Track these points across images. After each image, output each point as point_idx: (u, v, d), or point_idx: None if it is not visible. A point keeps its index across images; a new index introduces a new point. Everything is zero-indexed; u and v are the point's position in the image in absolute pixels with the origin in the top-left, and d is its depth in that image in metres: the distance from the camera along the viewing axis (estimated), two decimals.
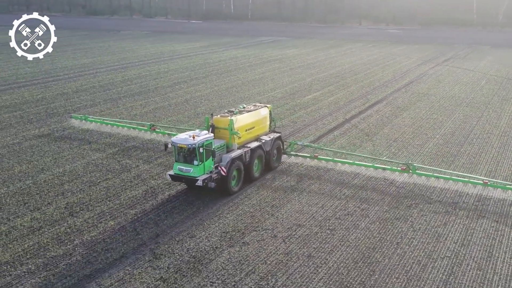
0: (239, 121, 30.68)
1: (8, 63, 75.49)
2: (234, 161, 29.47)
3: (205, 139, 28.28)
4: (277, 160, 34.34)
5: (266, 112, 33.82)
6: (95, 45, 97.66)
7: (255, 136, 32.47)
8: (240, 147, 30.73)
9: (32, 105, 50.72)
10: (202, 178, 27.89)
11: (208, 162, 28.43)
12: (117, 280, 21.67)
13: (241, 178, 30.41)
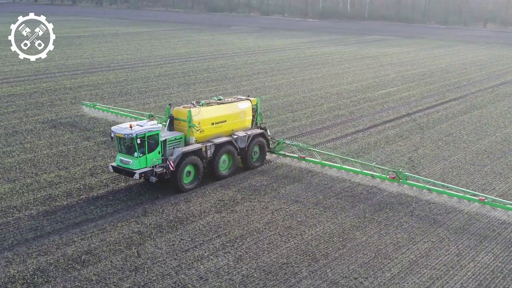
0: (202, 114, 28.55)
1: (109, 48, 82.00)
2: (186, 156, 27.31)
3: (148, 130, 26.22)
4: (258, 159, 31.93)
5: (246, 106, 31.28)
6: (200, 37, 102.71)
7: (228, 131, 30.14)
8: (204, 141, 28.86)
9: (112, 85, 55.09)
10: (139, 171, 25.99)
11: (153, 154, 26.62)
12: (99, 229, 24.02)
13: (198, 175, 28.29)
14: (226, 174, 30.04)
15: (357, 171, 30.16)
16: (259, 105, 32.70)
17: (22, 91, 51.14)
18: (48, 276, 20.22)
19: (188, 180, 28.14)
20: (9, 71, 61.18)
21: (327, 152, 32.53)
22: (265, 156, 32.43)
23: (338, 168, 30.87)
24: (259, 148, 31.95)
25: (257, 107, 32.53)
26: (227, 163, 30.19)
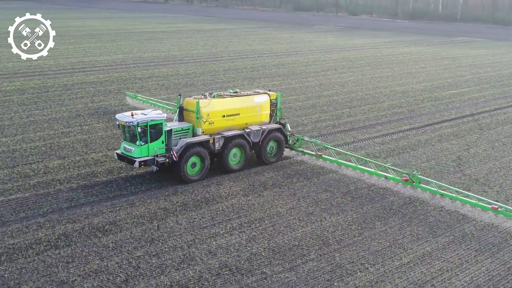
0: (212, 105, 28.51)
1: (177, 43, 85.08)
2: (190, 147, 27.38)
3: (150, 119, 26.54)
4: (275, 154, 31.53)
5: (263, 100, 30.96)
6: (279, 35, 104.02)
7: (241, 125, 29.88)
8: (213, 133, 28.79)
9: (180, 77, 57.56)
10: (139, 160, 26.33)
11: (155, 143, 26.93)
12: (129, 204, 25.80)
13: (204, 166, 28.21)
14: (237, 168, 29.67)
15: (371, 172, 29.36)
16: (279, 100, 32.19)
17: (94, 80, 54.49)
18: (70, 240, 22.03)
19: (194, 171, 28.05)
20: (88, 61, 65.11)
21: (344, 151, 31.81)
22: (282, 152, 31.78)
23: (354, 167, 30.12)
24: (277, 143, 31.38)
25: (277, 101, 32.00)
26: (238, 156, 29.85)
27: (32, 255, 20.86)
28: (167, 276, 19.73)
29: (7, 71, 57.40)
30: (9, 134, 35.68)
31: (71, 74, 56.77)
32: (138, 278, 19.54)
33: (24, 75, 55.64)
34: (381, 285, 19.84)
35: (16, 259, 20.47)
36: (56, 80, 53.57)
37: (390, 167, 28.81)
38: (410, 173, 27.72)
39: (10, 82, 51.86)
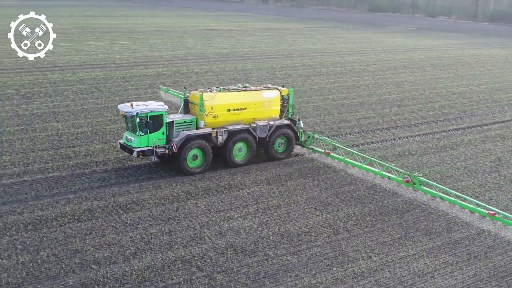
0: (217, 99, 28.78)
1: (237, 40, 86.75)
2: (190, 139, 27.83)
3: (150, 110, 27.04)
4: (284, 151, 31.46)
5: (272, 95, 30.92)
6: (347, 35, 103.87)
7: (249, 119, 30.00)
8: (217, 127, 29.07)
9: (235, 73, 59.21)
10: (137, 149, 26.97)
11: (155, 134, 27.50)
12: (155, 186, 27.41)
13: (206, 159, 28.61)
14: (241, 163, 29.75)
15: (376, 172, 28.89)
16: (291, 96, 32.02)
17: (153, 73, 56.96)
18: (93, 215, 23.83)
19: (195, 164, 28.42)
20: (151, 56, 67.91)
21: (351, 150, 31.12)
22: (291, 149, 31.64)
23: (359, 167, 29.69)
24: (287, 140, 31.33)
25: (289, 97, 31.84)
26: (243, 151, 29.97)
27: (56, 226, 22.69)
28: (174, 252, 21.01)
29: (73, 63, 60.85)
30: (61, 119, 38.23)
31: (132, 67, 59.47)
32: (146, 252, 20.93)
33: (88, 66, 58.87)
34: (379, 273, 20.27)
35: (40, 229, 22.37)
36: (116, 72, 56.37)
37: (393, 167, 28.33)
38: (411, 174, 27.10)
39: (74, 73, 55.10)
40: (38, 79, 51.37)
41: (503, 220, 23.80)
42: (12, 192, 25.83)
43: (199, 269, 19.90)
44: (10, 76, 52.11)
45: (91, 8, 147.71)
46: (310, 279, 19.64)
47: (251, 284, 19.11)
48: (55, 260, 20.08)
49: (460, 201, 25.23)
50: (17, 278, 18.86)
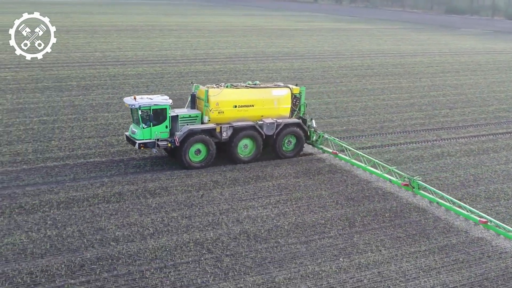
0: (222, 95, 29.13)
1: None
2: (193, 134, 28.29)
3: (153, 103, 27.77)
4: (293, 149, 31.51)
5: (282, 94, 31.01)
6: (415, 37, 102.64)
7: (256, 116, 30.18)
8: (223, 122, 29.43)
9: (290, 71, 60.37)
10: (139, 142, 27.69)
11: (158, 128, 28.12)
12: (186, 174, 28.87)
13: (210, 154, 29.05)
14: (247, 159, 30.00)
15: (378, 174, 28.53)
16: (303, 95, 31.88)
17: (210, 70, 58.89)
18: (122, 198, 25.55)
19: (198, 158, 28.94)
20: (212, 53, 70.01)
21: (357, 151, 30.69)
22: (301, 148, 31.64)
23: (363, 168, 29.41)
24: (296, 138, 31.33)
25: (300, 96, 31.72)
26: (249, 148, 30.16)
27: (85, 206, 24.55)
28: (189, 235, 22.34)
29: (136, 58, 63.74)
30: (112, 110, 40.55)
31: (191, 64, 61.64)
32: (163, 233, 22.35)
33: (149, 62, 61.52)
34: (384, 266, 20.79)
35: (71, 207, 24.29)
36: (174, 68, 58.65)
37: (394, 170, 27.76)
38: (411, 178, 26.62)
39: (134, 67, 57.78)
40: (100, 73, 54.23)
41: (494, 229, 23.14)
42: (53, 173, 27.92)
43: (209, 251, 21.06)
44: (74, 69, 55.32)
45: (165, 6, 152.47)
46: (314, 267, 20.39)
47: (255, 268, 20.07)
48: (79, 235, 21.78)
49: (455, 207, 24.58)
50: (41, 249, 20.66)
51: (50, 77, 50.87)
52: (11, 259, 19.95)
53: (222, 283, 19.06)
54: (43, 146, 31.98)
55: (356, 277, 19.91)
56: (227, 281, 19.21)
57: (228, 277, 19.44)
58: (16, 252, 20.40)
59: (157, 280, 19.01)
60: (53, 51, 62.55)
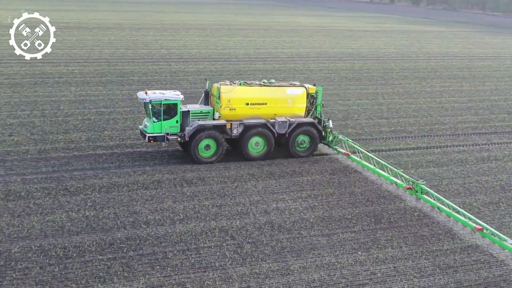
0: (234, 92, 29.75)
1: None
2: (203, 129, 28.98)
3: (164, 98, 28.70)
4: (307, 149, 31.65)
5: (296, 93, 31.24)
6: (489, 40, 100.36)
7: (269, 115, 30.56)
8: (234, 119, 29.96)
9: (343, 72, 60.62)
10: (149, 135, 28.74)
11: (169, 122, 29.05)
12: (224, 167, 30.17)
13: (220, 150, 29.73)
14: (257, 157, 30.47)
15: (385, 176, 28.28)
16: (320, 95, 31.99)
17: (269, 68, 60.32)
18: (160, 186, 27.21)
19: (208, 153, 29.67)
20: (274, 52, 71.19)
21: (367, 153, 30.51)
22: (315, 148, 31.75)
23: (373, 170, 29.21)
24: (310, 138, 31.42)
25: (317, 96, 31.83)
26: (260, 145, 30.54)
27: (125, 191, 26.35)
28: (216, 222, 23.65)
29: (199, 56, 65.95)
30: None
31: (252, 62, 63.20)
32: (192, 219, 23.78)
33: (211, 60, 63.62)
34: (402, 261, 21.35)
35: (111, 192, 26.15)
36: (234, 66, 60.40)
37: (400, 173, 27.50)
38: (415, 182, 26.29)
39: (196, 65, 60.06)
40: (162, 69, 56.61)
41: (489, 236, 22.60)
42: (101, 161, 29.98)
43: (232, 238, 22.29)
44: (138, 65, 58.00)
45: (238, 6, 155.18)
46: (331, 258, 21.22)
47: (273, 256, 21.13)
48: (113, 217, 23.54)
49: (454, 213, 24.22)
50: (78, 228, 22.54)
51: (114, 72, 53.51)
52: (50, 234, 21.82)
53: (238, 268, 20.14)
54: (96, 135, 34.12)
55: (370, 270, 20.52)
56: (244, 266, 20.30)
57: (245, 263, 20.51)
58: (55, 229, 22.25)
59: (178, 261, 20.33)
60: (121, 48, 66.13)
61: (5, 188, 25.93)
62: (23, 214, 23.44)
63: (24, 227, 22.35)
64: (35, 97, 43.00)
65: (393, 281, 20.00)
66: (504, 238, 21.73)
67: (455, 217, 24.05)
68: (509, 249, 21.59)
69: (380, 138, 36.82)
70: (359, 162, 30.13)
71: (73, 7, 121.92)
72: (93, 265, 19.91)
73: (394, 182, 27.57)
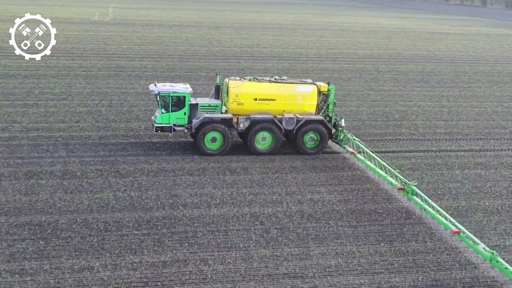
0: (243, 87, 30.81)
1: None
2: (208, 122, 30.22)
3: (172, 91, 30.27)
4: (316, 146, 32.13)
5: (307, 90, 31.84)
6: None
7: (278, 111, 31.30)
8: (241, 114, 30.93)
9: (413, 74, 60.31)
10: (157, 125, 30.48)
11: (176, 114, 30.55)
12: (270, 159, 31.86)
13: (225, 142, 30.79)
14: (264, 151, 31.38)
15: (382, 175, 28.15)
16: (332, 93, 32.34)
17: (337, 68, 61.31)
18: (204, 173, 29.15)
19: (214, 146, 30.87)
20: (347, 53, 71.92)
21: (371, 153, 30.03)
22: (323, 146, 32.19)
23: (373, 170, 29.12)
24: (320, 136, 31.87)
25: (329, 94, 32.25)
26: (267, 140, 31.37)
27: (171, 176, 28.48)
28: (250, 208, 25.28)
29: (270, 54, 67.85)
30: None
31: (321, 62, 64.54)
32: (227, 205, 25.52)
33: (281, 58, 65.22)
34: (422, 255, 22.09)
35: (157, 176, 28.35)
36: (302, 65, 61.93)
37: (396, 173, 27.30)
38: (406, 182, 25.98)
39: (264, 63, 61.75)
40: (230, 65, 59.03)
41: (464, 239, 22.21)
42: (154, 148, 32.32)
43: (261, 223, 23.85)
44: (208, 62, 60.72)
45: (320, 6, 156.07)
46: (352, 247, 22.31)
47: (296, 241, 22.50)
48: (155, 198, 25.65)
49: (439, 216, 23.67)
50: (121, 206, 24.81)
51: (184, 68, 56.26)
52: (95, 210, 24.20)
53: (260, 250, 21.65)
54: None
55: (388, 260, 21.44)
56: (266, 248, 21.78)
57: (268, 246, 21.99)
58: (100, 206, 24.63)
59: (206, 240, 22.11)
60: (196, 45, 69.13)
61: (64, 168, 28.58)
62: (75, 191, 25.91)
63: (74, 202, 24.78)
64: (106, 88, 46.10)
65: (408, 272, 20.73)
66: (477, 242, 21.47)
67: (438, 219, 23.63)
68: (479, 253, 21.35)
69: (433, 139, 37.11)
70: (363, 162, 30.06)
71: (158, 6, 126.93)
72: (128, 238, 21.93)
73: (390, 182, 27.29)
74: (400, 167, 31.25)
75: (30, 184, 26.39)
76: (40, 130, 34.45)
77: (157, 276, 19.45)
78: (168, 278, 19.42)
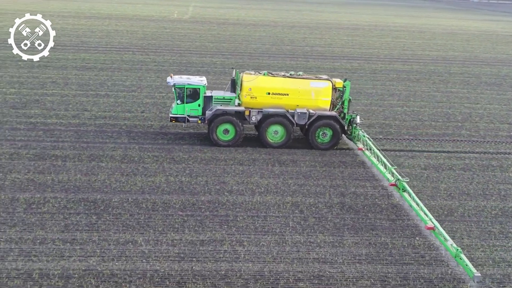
0: (257, 82, 31.69)
1: None
2: (220, 114, 31.43)
3: (187, 83, 31.87)
4: (328, 142, 32.64)
5: (321, 86, 32.33)
6: None
7: (291, 105, 31.91)
8: (255, 108, 31.95)
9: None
10: (171, 115, 32.21)
11: (191, 105, 32.16)
12: (321, 153, 33.02)
13: (238, 135, 31.83)
14: (276, 145, 32.20)
15: (382, 172, 28.53)
16: (347, 90, 32.61)
17: (406, 69, 61.23)
18: (254, 163, 30.61)
19: (226, 137, 31.97)
20: (420, 55, 71.23)
21: (377, 150, 30.43)
22: (336, 141, 32.65)
23: (376, 166, 29.60)
24: (333, 131, 32.32)
25: (344, 91, 32.60)
26: (279, 134, 32.13)
27: (221, 164, 30.14)
28: (292, 198, 26.52)
29: (336, 54, 68.37)
30: None
31: (390, 63, 64.65)
32: (271, 193, 26.88)
33: (345, 58, 65.82)
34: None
35: (209, 164, 30.09)
36: (368, 65, 62.28)
37: (393, 170, 27.72)
38: (400, 179, 26.38)
39: (332, 62, 62.56)
40: (298, 64, 60.05)
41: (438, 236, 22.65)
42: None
43: (300, 212, 25.05)
44: (276, 60, 62.05)
45: (402, 8, 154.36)
46: (386, 239, 23.13)
47: (331, 230, 23.56)
48: (203, 184, 27.37)
49: (422, 214, 23.96)
50: (171, 189, 26.68)
51: (252, 65, 56.82)
52: (146, 191, 26.18)
53: (295, 235, 22.87)
54: None
55: (420, 253, 22.21)
56: (301, 235, 22.98)
57: (303, 233, 23.17)
58: (152, 188, 26.58)
59: (244, 224, 23.56)
60: (268, 43, 70.85)
61: (124, 153, 30.83)
62: (131, 174, 28.03)
63: (128, 184, 26.87)
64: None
65: (438, 265, 21.32)
66: (447, 238, 21.73)
67: (420, 215, 24.03)
68: (447, 249, 21.63)
69: (493, 141, 37.02)
70: (368, 158, 30.74)
71: (238, 5, 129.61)
72: (172, 218, 23.71)
73: (387, 178, 27.81)
74: (451, 167, 31.41)
75: (91, 166, 28.66)
76: (107, 118, 36.90)
77: (193, 252, 21.01)
78: (203, 255, 20.91)
